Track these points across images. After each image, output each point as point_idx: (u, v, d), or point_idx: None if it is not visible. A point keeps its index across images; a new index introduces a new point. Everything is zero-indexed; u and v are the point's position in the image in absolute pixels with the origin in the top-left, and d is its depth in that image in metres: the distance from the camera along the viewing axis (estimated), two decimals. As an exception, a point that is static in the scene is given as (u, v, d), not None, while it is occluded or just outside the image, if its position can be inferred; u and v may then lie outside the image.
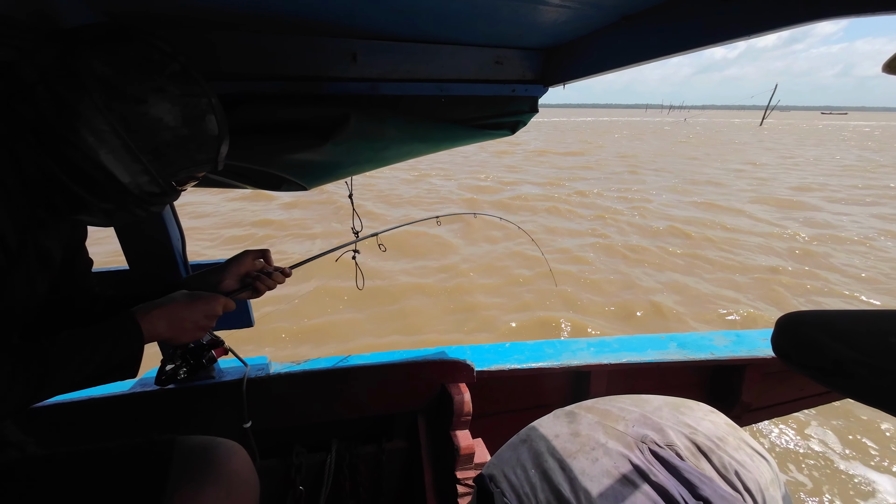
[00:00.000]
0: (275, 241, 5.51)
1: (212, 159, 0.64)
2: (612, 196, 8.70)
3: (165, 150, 0.57)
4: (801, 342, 0.87)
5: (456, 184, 9.89)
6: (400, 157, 1.08)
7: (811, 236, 6.13)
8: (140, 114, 0.54)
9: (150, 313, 0.65)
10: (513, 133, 1.14)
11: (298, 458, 1.17)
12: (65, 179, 0.54)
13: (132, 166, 0.56)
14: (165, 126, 0.56)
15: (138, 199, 0.60)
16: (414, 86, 0.99)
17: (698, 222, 6.73)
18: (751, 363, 1.41)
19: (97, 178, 0.55)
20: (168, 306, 0.67)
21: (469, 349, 1.36)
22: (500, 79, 1.06)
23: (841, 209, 7.87)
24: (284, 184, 1.01)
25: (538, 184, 9.97)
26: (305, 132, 0.89)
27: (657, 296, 4.14)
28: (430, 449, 1.25)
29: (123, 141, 0.54)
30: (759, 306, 3.99)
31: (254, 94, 0.87)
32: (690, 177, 11.25)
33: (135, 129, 0.54)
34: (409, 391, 1.23)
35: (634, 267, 4.92)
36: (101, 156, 0.54)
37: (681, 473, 0.72)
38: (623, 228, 6.43)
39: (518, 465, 0.81)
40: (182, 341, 0.70)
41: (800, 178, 11.40)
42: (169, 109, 0.56)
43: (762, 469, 0.78)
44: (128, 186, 0.57)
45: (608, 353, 1.38)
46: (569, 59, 1.00)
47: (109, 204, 0.59)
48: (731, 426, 0.87)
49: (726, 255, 5.34)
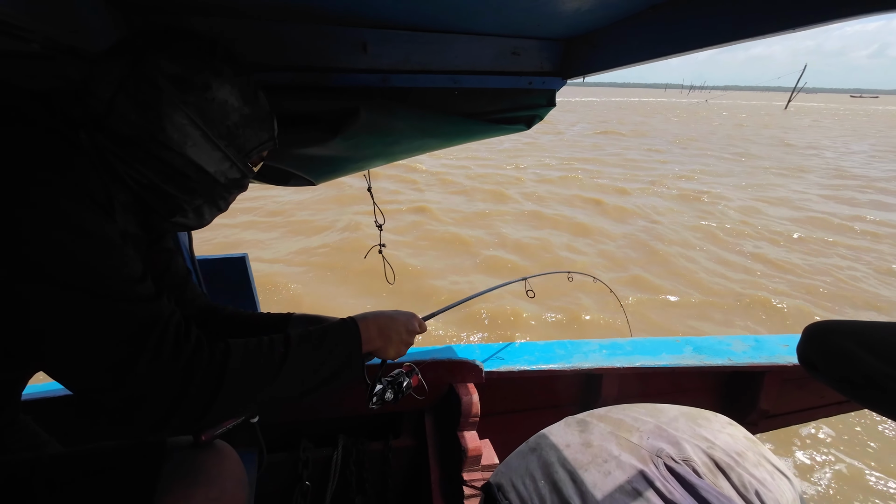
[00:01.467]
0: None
1: (272, 136, 0.67)
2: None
3: (236, 132, 0.60)
4: (831, 353, 0.82)
5: (619, 170, 9.09)
6: (410, 151, 1.05)
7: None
8: (209, 100, 0.56)
9: (365, 320, 0.70)
10: (528, 128, 1.10)
11: (305, 453, 1.17)
12: (159, 183, 0.57)
13: (214, 154, 0.59)
14: (232, 108, 0.58)
15: (224, 188, 0.63)
16: (426, 77, 0.95)
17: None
18: (770, 370, 1.36)
19: (189, 173, 0.58)
20: (378, 317, 0.72)
21: (478, 348, 1.34)
22: (516, 70, 1.01)
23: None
24: (292, 178, 0.98)
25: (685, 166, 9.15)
26: (314, 126, 0.86)
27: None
28: (437, 448, 1.23)
29: (203, 132, 0.56)
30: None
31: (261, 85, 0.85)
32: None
33: (210, 117, 0.56)
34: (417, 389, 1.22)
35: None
36: (187, 150, 0.56)
37: (698, 492, 0.69)
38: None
39: (527, 474, 0.78)
40: (388, 353, 0.73)
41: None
42: (230, 91, 0.58)
43: (783, 488, 0.74)
44: (215, 176, 0.60)
45: (621, 355, 1.34)
46: (590, 51, 0.94)
47: (200, 199, 0.62)
48: (751, 440, 0.83)
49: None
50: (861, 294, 4.20)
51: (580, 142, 14.54)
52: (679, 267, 4.65)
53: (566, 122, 21.73)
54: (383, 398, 0.80)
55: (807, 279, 4.48)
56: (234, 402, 0.53)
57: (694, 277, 4.41)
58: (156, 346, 0.48)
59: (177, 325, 0.51)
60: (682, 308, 3.86)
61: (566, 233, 5.61)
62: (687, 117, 28.44)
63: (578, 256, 4.88)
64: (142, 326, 0.48)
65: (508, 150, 12.08)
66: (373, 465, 1.24)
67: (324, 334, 0.64)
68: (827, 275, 4.58)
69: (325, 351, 0.62)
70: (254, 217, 5.84)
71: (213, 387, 0.51)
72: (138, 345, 0.47)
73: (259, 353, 0.56)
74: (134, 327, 0.47)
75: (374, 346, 0.71)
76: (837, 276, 4.55)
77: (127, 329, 0.47)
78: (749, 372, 1.37)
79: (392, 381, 0.82)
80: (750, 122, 26.36)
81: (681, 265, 4.67)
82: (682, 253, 5.02)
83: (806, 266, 4.79)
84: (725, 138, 16.81)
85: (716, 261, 4.89)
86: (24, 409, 0.69)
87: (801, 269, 4.72)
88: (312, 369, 0.61)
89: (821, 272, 4.64)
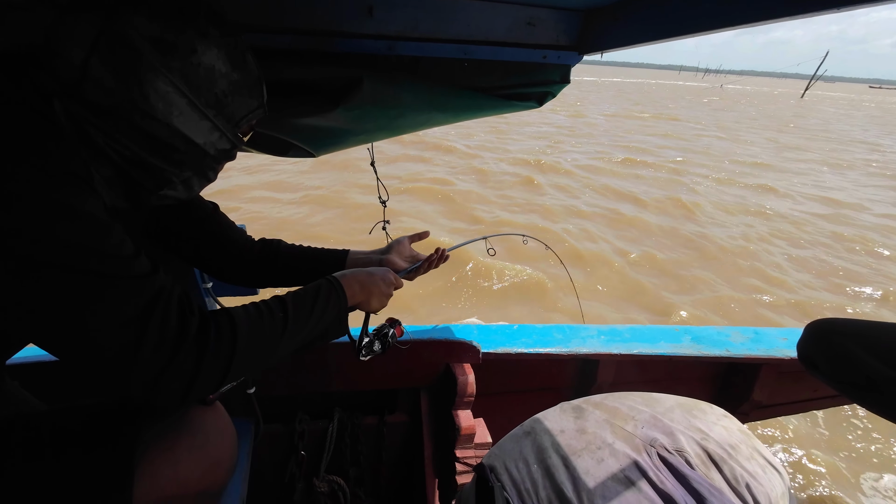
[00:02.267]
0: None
1: (262, 104, 0.62)
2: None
3: (225, 101, 0.56)
4: (833, 353, 0.80)
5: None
6: (415, 126, 1.00)
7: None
8: (195, 65, 0.51)
9: (346, 277, 0.73)
10: (540, 105, 1.05)
11: (301, 425, 1.19)
12: (146, 156, 0.52)
13: (202, 124, 0.54)
14: (219, 74, 0.54)
15: (214, 159, 0.59)
16: (435, 46, 0.90)
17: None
18: (767, 363, 1.36)
19: (176, 144, 0.54)
20: (356, 273, 0.75)
21: (476, 329, 1.33)
22: (530, 43, 0.95)
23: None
24: (292, 150, 0.94)
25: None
26: (314, 95, 0.82)
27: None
28: (431, 425, 1.25)
29: (189, 99, 0.52)
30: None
31: (256, 49, 0.79)
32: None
33: (195, 83, 0.52)
34: (413, 368, 1.22)
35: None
36: (174, 120, 0.51)
37: (689, 483, 0.69)
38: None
39: (520, 458, 0.79)
40: (372, 307, 0.78)
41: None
42: (217, 55, 0.53)
43: (774, 482, 0.75)
44: (204, 147, 0.56)
45: (619, 342, 1.34)
46: (610, 24, 0.88)
47: (189, 171, 0.58)
48: (745, 433, 0.83)
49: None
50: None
51: (623, 126, 13.52)
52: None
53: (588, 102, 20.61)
54: (372, 349, 0.85)
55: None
56: (247, 369, 0.54)
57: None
58: (161, 322, 0.46)
59: (179, 299, 0.49)
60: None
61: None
62: (731, 103, 26.82)
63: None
64: (142, 303, 0.45)
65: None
66: (367, 438, 1.26)
67: (315, 295, 0.66)
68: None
69: (318, 311, 0.65)
70: (259, 192, 5.74)
71: (226, 357, 0.51)
72: (143, 322, 0.45)
73: (263, 320, 0.57)
74: (134, 304, 0.45)
75: (357, 300, 0.74)
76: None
77: (127, 307, 0.45)
78: (746, 364, 1.37)
79: (378, 333, 0.87)
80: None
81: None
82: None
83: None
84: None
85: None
86: (11, 375, 0.68)
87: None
88: (308, 330, 0.63)
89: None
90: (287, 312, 0.60)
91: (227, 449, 0.69)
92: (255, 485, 1.05)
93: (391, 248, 0.92)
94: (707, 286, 3.99)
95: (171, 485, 0.61)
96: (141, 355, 0.45)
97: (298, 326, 0.61)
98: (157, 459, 0.60)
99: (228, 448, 0.70)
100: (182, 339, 0.47)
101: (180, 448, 0.63)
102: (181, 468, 0.62)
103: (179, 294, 0.50)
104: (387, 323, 0.90)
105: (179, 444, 0.63)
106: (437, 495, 1.19)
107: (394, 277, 0.81)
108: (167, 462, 0.61)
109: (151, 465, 0.60)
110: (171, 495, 0.61)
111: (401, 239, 0.94)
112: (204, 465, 0.65)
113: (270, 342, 0.57)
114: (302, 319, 0.62)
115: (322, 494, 1.14)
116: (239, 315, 0.55)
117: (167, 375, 0.47)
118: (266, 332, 0.57)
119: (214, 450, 0.67)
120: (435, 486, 1.20)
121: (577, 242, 4.59)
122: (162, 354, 0.46)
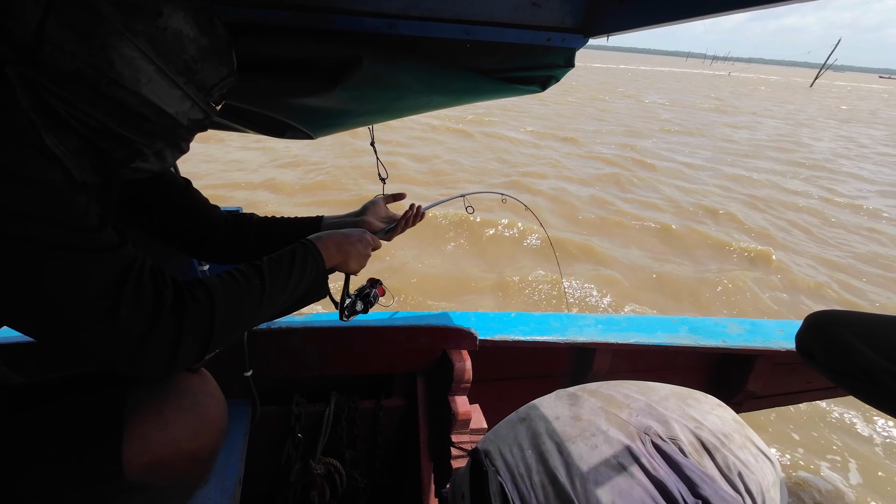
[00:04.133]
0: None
1: (233, 71, 0.60)
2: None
3: (195, 68, 0.53)
4: (831, 345, 0.80)
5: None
6: (415, 108, 0.98)
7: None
8: (161, 29, 0.48)
9: (321, 239, 0.72)
10: (543, 90, 1.02)
11: (298, 408, 1.20)
12: (114, 126, 0.49)
13: (172, 93, 0.52)
14: (188, 39, 0.51)
15: (186, 130, 0.57)
16: (437, 26, 0.87)
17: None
18: (763, 354, 1.37)
19: (146, 114, 0.51)
20: (332, 235, 0.74)
21: (473, 316, 1.33)
22: (534, 24, 0.92)
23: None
24: (289, 130, 0.93)
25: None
26: (312, 74, 0.80)
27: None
28: (427, 410, 1.26)
29: (157, 66, 0.49)
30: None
31: (252, 25, 0.77)
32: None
33: (163, 49, 0.49)
34: (409, 353, 1.22)
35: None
36: (142, 88, 0.49)
37: (682, 470, 0.70)
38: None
39: (515, 443, 0.79)
40: (351, 268, 0.77)
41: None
42: (184, 18, 0.50)
43: (765, 470, 0.76)
44: (176, 118, 0.53)
45: (616, 331, 1.34)
46: (617, 6, 0.86)
47: (160, 142, 0.55)
48: (738, 422, 0.84)
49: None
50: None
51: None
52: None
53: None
54: (354, 309, 0.86)
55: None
56: (228, 337, 0.55)
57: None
58: (134, 294, 0.45)
59: (151, 270, 0.48)
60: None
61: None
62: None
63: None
64: (111, 275, 0.44)
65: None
66: (363, 422, 1.27)
67: (292, 259, 0.65)
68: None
69: (296, 275, 0.64)
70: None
71: (206, 326, 0.51)
72: (114, 295, 0.44)
73: (240, 287, 0.57)
74: (99, 277, 0.44)
75: (335, 262, 0.74)
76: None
77: (92, 279, 0.43)
78: (741, 355, 1.38)
79: (360, 293, 0.87)
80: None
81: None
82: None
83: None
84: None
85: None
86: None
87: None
88: (287, 294, 0.63)
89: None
90: (264, 279, 0.60)
91: (215, 410, 0.68)
92: (251, 466, 1.06)
93: (366, 209, 0.91)
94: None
95: (162, 446, 0.60)
96: (116, 328, 0.44)
97: (276, 291, 0.61)
98: (146, 421, 0.59)
99: (217, 409, 0.68)
100: (159, 310, 0.47)
101: (168, 409, 0.62)
102: (171, 429, 0.61)
103: (151, 266, 0.49)
104: (367, 283, 0.90)
105: (167, 406, 0.62)
106: (433, 478, 1.21)
107: (370, 238, 0.80)
108: (156, 423, 0.60)
109: (140, 426, 0.59)
110: (163, 457, 0.60)
111: (376, 199, 0.93)
112: (194, 426, 0.64)
113: (249, 308, 0.58)
114: (279, 284, 0.62)
115: (318, 476, 1.15)
116: (214, 284, 0.54)
117: (148, 348, 0.47)
118: (244, 299, 0.57)
119: (203, 410, 0.65)
120: (430, 470, 1.21)
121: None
122: (139, 326, 0.46)
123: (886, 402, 0.69)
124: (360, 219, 0.89)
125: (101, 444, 0.55)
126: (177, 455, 0.61)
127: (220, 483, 0.95)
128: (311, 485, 1.17)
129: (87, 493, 0.55)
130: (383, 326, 1.18)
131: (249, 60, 0.77)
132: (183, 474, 0.64)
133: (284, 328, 1.11)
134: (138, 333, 0.46)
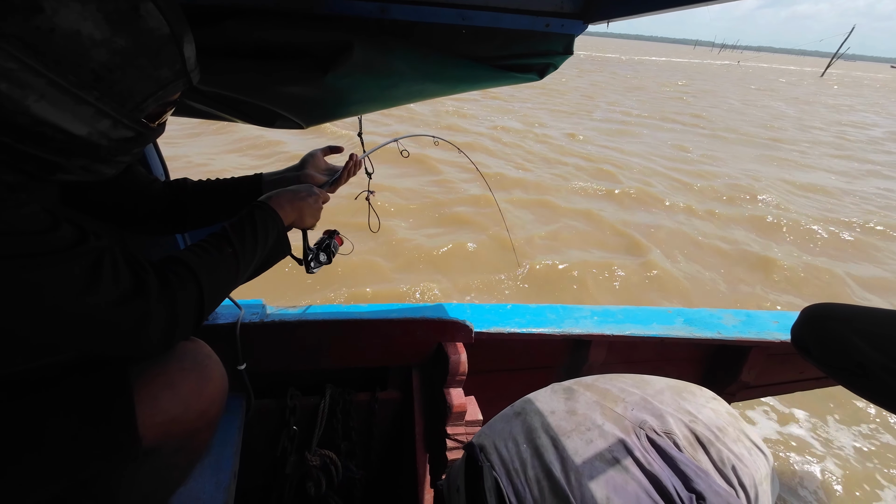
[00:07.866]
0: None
1: (180, 72, 0.49)
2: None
3: (109, 77, 0.42)
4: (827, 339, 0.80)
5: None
6: (409, 97, 0.95)
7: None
8: (45, 31, 0.38)
9: (272, 199, 0.71)
10: (541, 78, 1.00)
11: (293, 401, 1.19)
12: (10, 142, 0.41)
13: (79, 110, 0.42)
14: (90, 41, 0.40)
15: (111, 150, 0.48)
16: (431, 11, 0.84)
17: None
18: (757, 345, 1.37)
19: (46, 133, 0.42)
20: (283, 194, 0.74)
21: (469, 308, 1.33)
22: (532, 10, 0.89)
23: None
24: (279, 120, 0.90)
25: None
26: (301, 61, 0.76)
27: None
28: (423, 402, 1.26)
29: (49, 78, 0.39)
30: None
31: (239, 8, 0.74)
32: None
33: (53, 56, 0.39)
34: (405, 346, 1.21)
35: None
36: (31, 106, 0.39)
37: (676, 464, 0.70)
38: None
39: (510, 438, 0.79)
40: (306, 223, 0.78)
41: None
42: (80, 14, 0.39)
43: (759, 463, 0.76)
44: (89, 138, 0.45)
45: (611, 323, 1.34)
46: None
47: (81, 160, 0.48)
48: (732, 416, 0.84)
49: None
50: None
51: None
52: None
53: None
54: (319, 261, 0.89)
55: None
56: (213, 308, 0.57)
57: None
58: (114, 285, 0.44)
59: (126, 258, 0.47)
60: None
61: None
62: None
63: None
64: (84, 272, 0.43)
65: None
66: (359, 414, 1.27)
67: (253, 223, 0.66)
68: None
69: (261, 237, 0.65)
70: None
71: (196, 301, 0.52)
72: (94, 292, 0.43)
73: (214, 259, 0.58)
74: (75, 275, 0.42)
75: (290, 219, 0.74)
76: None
77: (67, 280, 0.41)
78: (735, 346, 1.39)
79: (320, 245, 0.90)
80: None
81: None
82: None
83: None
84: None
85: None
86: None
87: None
88: (257, 257, 0.65)
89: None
90: (234, 246, 0.61)
91: (215, 367, 0.71)
92: (246, 459, 1.06)
93: (305, 162, 0.89)
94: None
95: (172, 405, 0.62)
96: (108, 325, 0.44)
97: (247, 256, 0.63)
98: (152, 383, 0.62)
99: (216, 368, 0.71)
100: (146, 297, 0.47)
101: (171, 370, 0.64)
102: (177, 388, 0.64)
103: (122, 251, 0.48)
104: (325, 235, 0.92)
105: (170, 368, 0.64)
106: (428, 469, 1.22)
107: (319, 191, 0.80)
108: (163, 384, 0.63)
109: (148, 388, 0.61)
110: (175, 416, 0.63)
111: (313, 152, 0.91)
112: (198, 383, 0.67)
113: (227, 277, 0.59)
114: (249, 249, 0.63)
115: (314, 468, 1.15)
116: (193, 260, 0.55)
117: (146, 334, 0.47)
118: (221, 269, 0.58)
119: (204, 369, 0.69)
120: (426, 462, 1.22)
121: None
122: (129, 319, 0.46)
123: (881, 396, 0.69)
124: (302, 172, 0.87)
125: (110, 415, 0.57)
126: (187, 414, 0.64)
127: (214, 477, 0.95)
128: (307, 476, 1.17)
129: (101, 464, 0.56)
130: (378, 319, 1.16)
131: (234, 46, 0.74)
132: (192, 434, 0.67)
133: (278, 321, 1.10)
134: (130, 324, 0.46)
